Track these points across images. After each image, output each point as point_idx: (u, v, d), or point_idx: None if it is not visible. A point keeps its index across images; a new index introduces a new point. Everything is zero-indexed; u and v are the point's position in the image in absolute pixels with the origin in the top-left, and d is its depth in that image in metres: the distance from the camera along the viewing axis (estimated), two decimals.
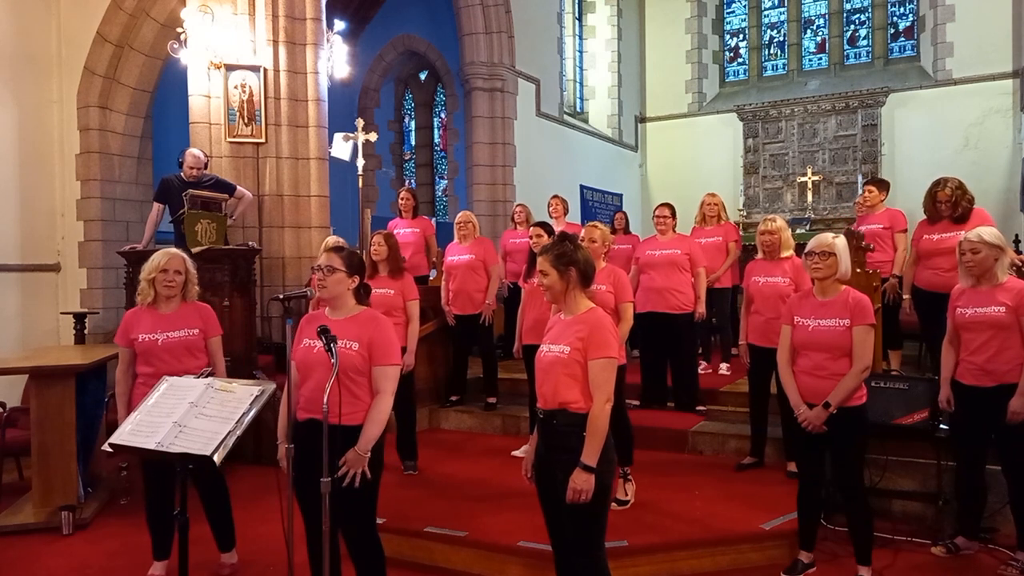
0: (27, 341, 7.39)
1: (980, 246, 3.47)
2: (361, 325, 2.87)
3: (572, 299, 2.72)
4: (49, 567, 3.82)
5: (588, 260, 2.76)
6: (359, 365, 2.82)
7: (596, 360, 2.60)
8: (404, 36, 13.73)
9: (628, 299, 4.14)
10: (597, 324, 2.65)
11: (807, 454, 3.50)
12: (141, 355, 3.50)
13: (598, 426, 2.58)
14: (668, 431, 5.22)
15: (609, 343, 2.63)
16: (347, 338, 2.81)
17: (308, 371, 2.86)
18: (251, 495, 4.55)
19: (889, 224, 5.66)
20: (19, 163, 7.60)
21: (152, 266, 3.53)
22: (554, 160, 11.36)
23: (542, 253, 2.76)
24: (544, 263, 2.72)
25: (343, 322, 2.89)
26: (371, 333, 2.85)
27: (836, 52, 13.49)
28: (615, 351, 2.66)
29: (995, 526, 3.84)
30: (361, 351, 2.82)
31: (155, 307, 3.56)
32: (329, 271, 2.88)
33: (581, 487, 2.55)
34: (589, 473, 2.55)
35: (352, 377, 2.81)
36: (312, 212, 6.86)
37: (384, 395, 2.83)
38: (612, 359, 2.63)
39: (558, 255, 2.71)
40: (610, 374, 2.61)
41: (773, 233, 4.63)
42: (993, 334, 3.45)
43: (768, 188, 13.10)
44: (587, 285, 2.74)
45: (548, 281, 2.71)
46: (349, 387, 2.81)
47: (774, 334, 4.38)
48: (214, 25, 6.50)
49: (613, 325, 2.71)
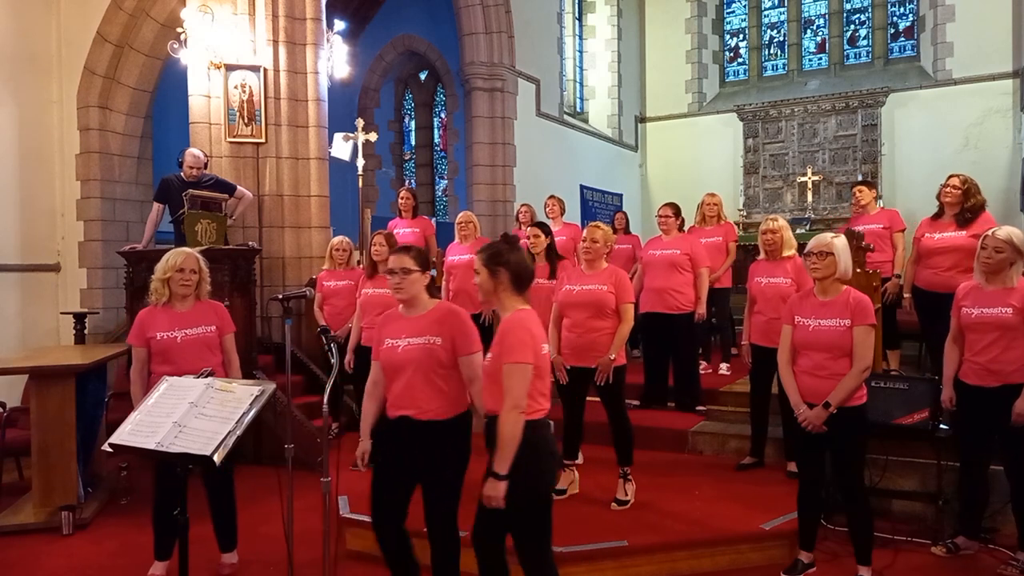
0: (27, 341, 7.39)
1: (1005, 246, 3.43)
2: (440, 320, 2.87)
3: (501, 300, 2.69)
4: (49, 567, 3.82)
5: (522, 263, 2.71)
6: (443, 359, 2.82)
7: (505, 365, 2.54)
8: (404, 36, 13.73)
9: (629, 300, 4.14)
10: (507, 328, 2.59)
11: (807, 454, 3.49)
12: (158, 354, 3.51)
13: (505, 435, 2.49)
14: (668, 431, 5.22)
15: (515, 347, 2.53)
16: (428, 334, 2.83)
17: (396, 371, 2.87)
18: (251, 495, 4.54)
19: (888, 224, 5.68)
20: (19, 163, 7.60)
21: (168, 265, 3.54)
22: (554, 160, 11.36)
23: (478, 252, 2.76)
24: (476, 261, 2.74)
25: (421, 319, 2.89)
26: (451, 326, 2.85)
27: (836, 52, 13.49)
28: (525, 356, 2.53)
29: (995, 526, 3.84)
30: (444, 345, 2.82)
31: (170, 306, 3.58)
32: (405, 272, 2.87)
33: (490, 494, 2.50)
34: (500, 481, 2.49)
35: (437, 371, 2.82)
36: (312, 212, 6.86)
37: (477, 382, 2.82)
38: (519, 364, 2.52)
39: (491, 255, 2.69)
40: (518, 380, 2.51)
41: (775, 232, 4.63)
42: (1000, 335, 3.44)
43: (768, 188, 13.10)
44: (520, 288, 2.69)
45: (478, 280, 2.73)
46: (435, 382, 2.82)
47: (776, 334, 4.37)
48: (214, 25, 6.50)
49: (529, 329, 2.59)
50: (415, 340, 2.83)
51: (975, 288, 3.58)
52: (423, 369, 2.81)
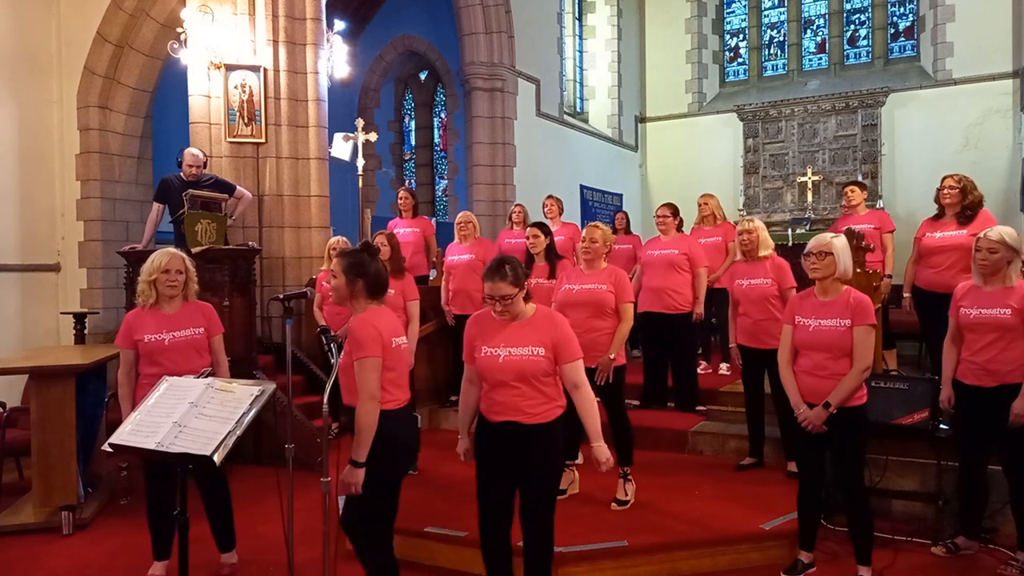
0: (27, 341, 7.39)
1: (999, 246, 3.43)
2: (540, 328, 2.87)
3: (354, 305, 2.88)
4: (49, 567, 3.82)
5: (380, 274, 2.90)
6: (547, 368, 2.84)
7: (356, 361, 2.74)
8: (404, 36, 13.73)
9: (628, 299, 4.15)
10: (355, 327, 2.78)
11: (807, 454, 3.49)
12: (146, 356, 3.49)
13: (361, 424, 2.71)
14: (668, 431, 5.22)
15: (363, 343, 2.73)
16: (530, 344, 2.83)
17: (498, 380, 2.86)
18: (251, 495, 4.55)
19: (879, 224, 5.71)
20: (19, 163, 7.60)
21: (153, 267, 3.52)
22: (554, 160, 11.36)
23: (339, 256, 2.90)
24: (336, 266, 2.86)
25: (521, 327, 2.88)
26: (551, 334, 2.86)
27: (836, 52, 13.49)
28: (373, 350, 2.73)
29: (995, 526, 3.84)
30: (547, 355, 2.84)
31: (157, 308, 3.56)
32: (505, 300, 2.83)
33: (349, 480, 2.73)
34: (358, 468, 2.71)
35: (542, 379, 2.84)
36: (312, 212, 6.86)
37: (583, 387, 2.87)
38: (368, 358, 2.72)
39: (351, 263, 2.85)
40: (368, 373, 2.72)
41: (751, 232, 4.62)
42: (998, 335, 3.43)
43: (768, 188, 13.10)
44: (375, 295, 2.88)
45: (335, 284, 2.86)
46: (539, 388, 2.85)
47: (764, 334, 4.43)
48: (214, 25, 6.51)
49: (375, 326, 2.78)
50: (517, 351, 2.83)
51: (973, 288, 3.57)
52: (526, 378, 2.82)
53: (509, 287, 2.81)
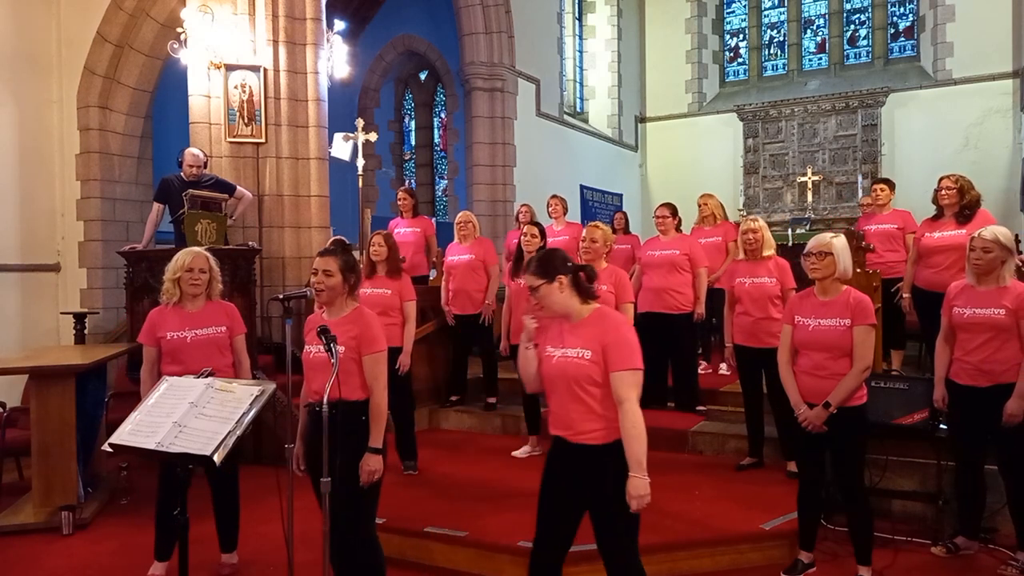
0: (27, 341, 7.39)
1: (993, 246, 3.43)
2: (591, 328, 2.56)
3: (344, 302, 3.01)
4: (49, 567, 3.82)
5: (359, 271, 3.11)
6: (594, 375, 2.50)
7: (369, 356, 2.93)
8: (404, 36, 13.74)
9: (628, 299, 4.15)
10: (364, 323, 2.96)
11: (807, 454, 3.49)
12: (168, 353, 3.52)
13: (380, 412, 2.92)
14: (668, 431, 5.22)
15: (376, 339, 2.95)
16: (579, 346, 2.54)
17: (551, 385, 2.63)
18: (251, 495, 4.52)
19: (903, 225, 5.69)
20: (19, 163, 7.60)
21: (177, 265, 3.55)
22: (554, 160, 11.36)
23: (324, 255, 3.01)
24: (331, 263, 2.96)
25: (576, 327, 2.60)
26: (602, 336, 2.53)
27: (836, 52, 13.49)
28: (382, 345, 2.96)
29: (995, 526, 3.84)
30: (594, 359, 2.50)
31: (181, 306, 3.58)
32: (535, 292, 2.61)
33: (368, 467, 2.88)
34: (376, 455, 2.90)
35: (586, 389, 2.51)
36: (312, 212, 6.86)
37: (627, 403, 2.45)
38: (378, 353, 2.95)
39: (347, 262, 2.99)
40: (382, 366, 2.95)
41: (756, 232, 4.58)
42: (992, 336, 3.43)
43: (768, 188, 13.11)
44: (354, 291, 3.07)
45: (331, 282, 2.96)
46: (584, 400, 2.52)
47: (763, 333, 4.41)
48: (214, 25, 6.50)
49: (377, 322, 3.02)
50: (568, 352, 2.56)
51: (967, 288, 3.57)
52: (571, 385, 2.54)
53: (533, 278, 2.61)
